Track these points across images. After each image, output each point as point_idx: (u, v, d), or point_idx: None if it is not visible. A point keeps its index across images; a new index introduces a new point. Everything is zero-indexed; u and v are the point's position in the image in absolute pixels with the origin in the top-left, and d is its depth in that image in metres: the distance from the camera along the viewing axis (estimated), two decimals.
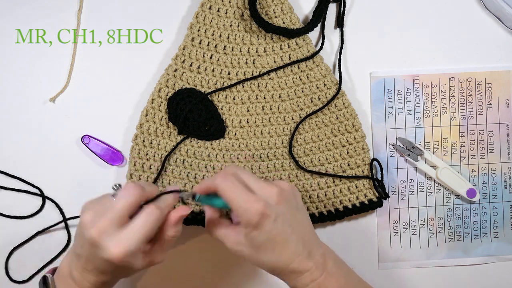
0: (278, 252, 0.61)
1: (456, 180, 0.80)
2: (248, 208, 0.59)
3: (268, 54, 0.77)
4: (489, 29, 0.81)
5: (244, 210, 0.59)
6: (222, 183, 0.61)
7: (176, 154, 0.77)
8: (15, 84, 0.79)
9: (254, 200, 0.60)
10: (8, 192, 0.78)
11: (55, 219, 0.78)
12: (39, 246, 0.78)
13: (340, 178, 0.77)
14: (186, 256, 0.80)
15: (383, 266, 0.81)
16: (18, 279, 0.78)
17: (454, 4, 0.81)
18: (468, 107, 0.81)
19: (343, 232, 0.80)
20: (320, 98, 0.77)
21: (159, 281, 0.80)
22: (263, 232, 0.60)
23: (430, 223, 0.81)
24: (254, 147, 0.77)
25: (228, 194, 0.60)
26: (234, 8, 0.76)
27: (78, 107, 0.79)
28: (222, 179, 0.61)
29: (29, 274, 0.78)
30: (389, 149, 0.81)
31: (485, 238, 0.82)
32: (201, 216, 0.76)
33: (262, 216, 0.59)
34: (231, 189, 0.60)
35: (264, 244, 0.61)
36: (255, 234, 0.60)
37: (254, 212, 0.59)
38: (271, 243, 0.61)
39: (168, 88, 0.76)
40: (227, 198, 0.60)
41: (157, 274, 0.79)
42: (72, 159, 0.78)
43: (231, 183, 0.61)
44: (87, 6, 0.79)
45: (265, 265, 0.63)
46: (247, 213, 0.59)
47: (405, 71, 0.81)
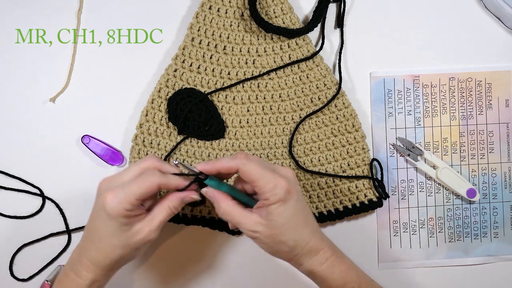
0: (300, 229, 0.64)
1: (456, 180, 0.80)
2: (277, 184, 0.61)
3: (268, 54, 0.77)
4: (489, 29, 0.82)
5: (274, 186, 0.61)
6: (247, 164, 0.62)
7: (176, 154, 0.77)
8: (15, 84, 0.79)
9: (280, 177, 0.62)
10: (8, 192, 0.78)
11: (55, 219, 0.78)
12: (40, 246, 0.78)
13: (340, 178, 0.77)
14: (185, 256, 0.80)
15: (383, 266, 0.81)
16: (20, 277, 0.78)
17: (454, 4, 0.81)
18: (468, 107, 0.81)
19: (343, 232, 0.80)
20: (320, 98, 0.77)
21: (160, 281, 0.80)
22: (288, 208, 0.62)
23: (430, 223, 0.81)
24: (254, 147, 0.77)
25: (254, 172, 0.62)
26: (234, 8, 0.76)
27: (78, 107, 0.79)
28: (245, 160, 0.62)
29: (29, 274, 0.78)
30: (389, 149, 0.81)
31: (485, 238, 0.82)
32: (201, 216, 0.77)
33: (288, 192, 0.62)
34: (257, 167, 0.62)
35: (288, 222, 0.62)
36: (280, 210, 0.62)
37: (283, 187, 0.61)
38: (294, 220, 0.63)
39: (168, 88, 0.76)
40: (253, 176, 0.62)
41: (156, 274, 0.79)
42: (72, 159, 0.78)
43: (254, 164, 0.62)
44: (87, 6, 0.79)
45: (285, 245, 0.64)
46: (276, 189, 0.61)
47: (405, 71, 0.81)
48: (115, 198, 0.60)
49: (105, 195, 0.60)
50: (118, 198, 0.60)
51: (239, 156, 0.63)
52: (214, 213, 0.76)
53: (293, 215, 0.63)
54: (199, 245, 0.80)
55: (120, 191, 0.60)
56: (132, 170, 0.63)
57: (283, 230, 0.63)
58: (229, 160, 0.63)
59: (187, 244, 0.80)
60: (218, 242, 0.80)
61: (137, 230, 0.62)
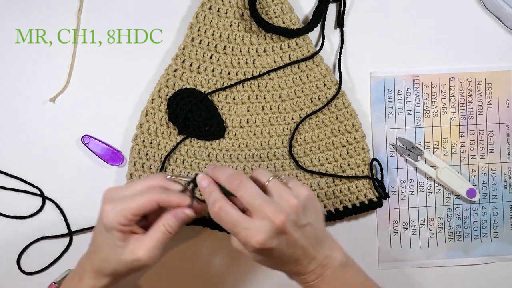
0: (283, 267, 0.62)
1: (456, 180, 0.80)
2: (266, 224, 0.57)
3: (268, 54, 0.77)
4: (489, 29, 0.81)
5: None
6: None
7: (176, 154, 0.77)
8: (15, 84, 0.79)
9: (274, 213, 0.57)
10: (8, 192, 0.78)
11: (55, 219, 0.78)
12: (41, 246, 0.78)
13: (340, 178, 0.77)
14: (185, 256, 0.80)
15: (383, 266, 0.81)
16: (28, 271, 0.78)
17: (454, 4, 0.81)
18: (468, 107, 0.81)
19: (343, 232, 0.80)
20: (320, 98, 0.77)
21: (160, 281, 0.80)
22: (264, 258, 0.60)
23: (430, 223, 0.81)
24: (254, 147, 0.77)
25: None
26: (234, 8, 0.76)
27: (78, 107, 0.79)
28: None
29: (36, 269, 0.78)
30: (389, 149, 0.81)
31: (485, 238, 0.82)
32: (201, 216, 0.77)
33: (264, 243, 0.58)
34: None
35: (268, 263, 0.62)
36: (256, 259, 0.61)
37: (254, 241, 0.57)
38: (273, 263, 0.61)
39: (168, 88, 0.76)
40: (247, 205, 0.59)
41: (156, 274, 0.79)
42: (72, 159, 0.78)
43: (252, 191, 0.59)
44: (87, 6, 0.79)
45: (284, 271, 0.63)
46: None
47: (405, 71, 0.81)
48: (112, 210, 0.60)
49: (104, 205, 0.60)
50: (114, 210, 0.59)
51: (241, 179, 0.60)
52: None
53: (274, 262, 0.61)
54: (198, 245, 0.80)
55: (118, 204, 0.60)
56: (137, 184, 0.62)
57: (280, 264, 0.62)
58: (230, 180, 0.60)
59: (187, 244, 0.79)
60: (217, 242, 0.80)
61: (131, 249, 0.60)
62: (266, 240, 0.57)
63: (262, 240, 0.57)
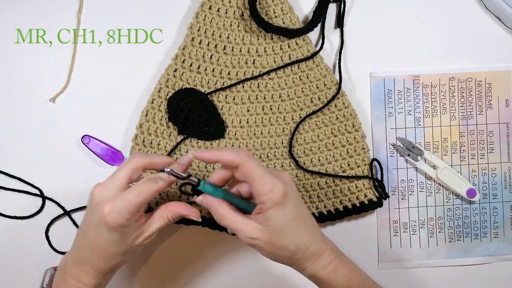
0: (300, 232, 0.63)
1: (456, 180, 0.80)
2: (275, 187, 0.60)
3: (268, 54, 0.77)
4: (489, 29, 0.82)
5: (270, 189, 0.60)
6: (248, 161, 0.61)
7: (176, 154, 0.77)
8: (15, 84, 0.79)
9: (278, 181, 0.61)
10: (8, 192, 0.78)
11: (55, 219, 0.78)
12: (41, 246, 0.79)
13: (340, 178, 0.77)
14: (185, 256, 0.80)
15: (383, 266, 0.81)
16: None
17: (454, 4, 0.81)
18: (468, 107, 0.81)
19: (343, 232, 0.80)
20: (320, 98, 0.77)
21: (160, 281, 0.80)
22: (286, 212, 0.61)
23: (430, 223, 0.81)
24: (254, 147, 0.77)
25: (254, 171, 0.61)
26: (234, 8, 0.76)
27: (78, 107, 0.79)
28: (247, 157, 0.61)
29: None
30: (389, 149, 0.81)
31: (485, 238, 0.82)
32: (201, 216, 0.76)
33: (285, 195, 0.60)
34: (257, 167, 0.61)
35: (287, 226, 0.62)
36: (278, 215, 0.61)
37: (280, 191, 0.60)
38: (293, 224, 0.62)
39: (168, 88, 0.76)
40: (252, 175, 0.60)
41: (156, 274, 0.79)
42: (72, 159, 0.78)
43: (256, 163, 0.61)
44: (87, 6, 0.79)
45: (286, 250, 0.63)
46: (273, 192, 0.60)
47: (405, 71, 0.81)
48: (115, 209, 0.60)
49: (103, 207, 0.60)
50: (117, 209, 0.60)
51: (241, 152, 0.62)
52: None
53: (292, 219, 0.62)
54: (199, 245, 0.80)
55: (118, 201, 0.60)
56: (122, 173, 0.62)
57: (283, 234, 0.62)
58: (231, 153, 0.62)
59: (187, 244, 0.80)
60: (218, 242, 0.80)
61: (136, 235, 0.63)
62: (286, 189, 0.61)
63: (283, 188, 0.60)
